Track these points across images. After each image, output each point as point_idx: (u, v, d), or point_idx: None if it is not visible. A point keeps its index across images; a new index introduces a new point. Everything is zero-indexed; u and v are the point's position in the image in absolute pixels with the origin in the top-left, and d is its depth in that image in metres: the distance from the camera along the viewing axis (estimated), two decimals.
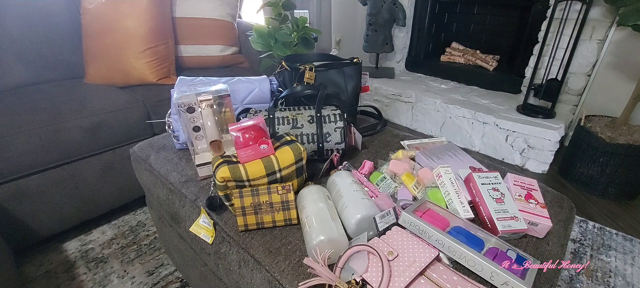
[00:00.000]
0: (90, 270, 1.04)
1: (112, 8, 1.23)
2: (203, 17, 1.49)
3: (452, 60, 2.19)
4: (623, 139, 1.30)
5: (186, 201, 0.66)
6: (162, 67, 1.33)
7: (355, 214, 0.51)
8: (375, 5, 2.05)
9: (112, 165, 1.14)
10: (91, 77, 1.29)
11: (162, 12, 1.33)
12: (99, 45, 1.25)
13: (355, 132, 0.77)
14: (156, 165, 0.77)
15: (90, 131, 1.06)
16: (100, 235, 1.18)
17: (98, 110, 1.09)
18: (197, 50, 1.51)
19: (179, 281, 1.00)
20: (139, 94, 1.23)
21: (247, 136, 0.57)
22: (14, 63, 1.22)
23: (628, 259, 1.09)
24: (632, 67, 1.50)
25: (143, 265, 1.06)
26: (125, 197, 1.22)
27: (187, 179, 0.70)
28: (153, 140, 0.87)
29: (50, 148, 0.98)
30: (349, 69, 0.87)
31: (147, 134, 1.20)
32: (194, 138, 0.69)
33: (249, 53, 1.67)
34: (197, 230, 0.60)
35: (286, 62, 0.85)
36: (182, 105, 0.65)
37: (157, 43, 1.31)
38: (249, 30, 1.24)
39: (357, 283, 0.43)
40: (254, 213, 0.54)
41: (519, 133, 1.57)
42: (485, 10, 2.07)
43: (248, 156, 0.54)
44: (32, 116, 0.99)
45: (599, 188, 1.38)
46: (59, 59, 1.32)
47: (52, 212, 1.05)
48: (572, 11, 1.50)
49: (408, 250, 0.47)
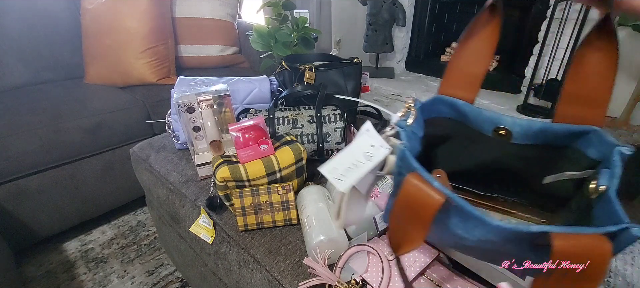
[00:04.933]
0: (90, 270, 1.04)
1: (112, 8, 1.23)
2: (203, 17, 1.49)
3: None
4: (623, 139, 1.29)
5: (186, 201, 0.66)
6: (162, 67, 1.33)
7: None
8: (375, 5, 2.05)
9: (112, 165, 1.14)
10: (91, 77, 1.29)
11: (162, 12, 1.33)
12: (99, 45, 1.25)
13: (355, 132, 0.77)
14: (156, 165, 0.77)
15: (90, 131, 1.06)
16: (100, 235, 1.18)
17: (98, 110, 1.09)
18: (197, 50, 1.51)
19: (179, 281, 1.00)
20: (139, 94, 1.23)
21: (247, 136, 0.57)
22: (14, 63, 1.22)
23: (628, 259, 1.09)
24: (632, 67, 1.50)
25: (143, 265, 1.06)
26: (125, 197, 1.22)
27: (187, 179, 0.70)
28: (153, 140, 0.87)
29: (50, 149, 0.98)
30: (349, 69, 0.87)
31: (147, 134, 1.20)
32: (194, 138, 0.69)
33: (249, 53, 1.67)
34: (197, 230, 0.60)
35: (286, 62, 0.85)
36: (182, 105, 0.65)
37: (157, 43, 1.31)
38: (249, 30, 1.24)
39: (357, 283, 0.43)
40: (254, 213, 0.54)
41: None
42: None
43: (248, 156, 0.54)
44: (32, 116, 0.99)
45: None
46: (58, 59, 1.32)
47: (52, 212, 1.05)
48: (572, 11, 1.50)
49: None
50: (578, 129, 0.33)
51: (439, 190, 0.28)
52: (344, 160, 0.36)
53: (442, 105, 0.39)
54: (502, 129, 0.36)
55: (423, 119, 0.38)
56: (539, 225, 0.25)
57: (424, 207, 0.28)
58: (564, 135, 0.34)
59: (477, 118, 0.37)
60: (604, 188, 0.28)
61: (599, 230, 0.24)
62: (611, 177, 0.28)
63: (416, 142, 0.37)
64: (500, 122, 0.36)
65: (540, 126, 0.34)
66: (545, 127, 0.34)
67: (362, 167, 0.35)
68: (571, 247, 0.24)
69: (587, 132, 0.32)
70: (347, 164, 0.35)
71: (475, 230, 0.28)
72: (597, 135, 0.32)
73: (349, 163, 0.35)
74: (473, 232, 0.28)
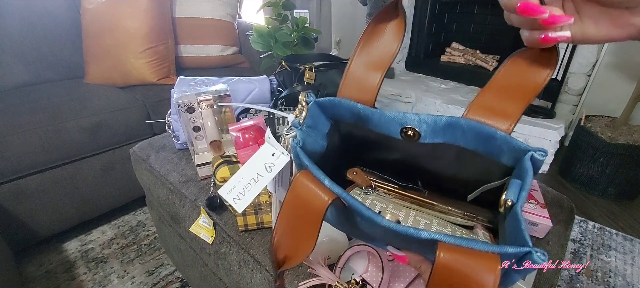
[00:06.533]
0: (90, 270, 1.04)
1: (112, 8, 1.23)
2: (203, 17, 1.49)
3: (452, 60, 2.19)
4: (623, 139, 1.30)
5: (186, 201, 0.66)
6: (162, 67, 1.33)
7: None
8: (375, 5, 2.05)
9: (112, 165, 1.14)
10: (91, 77, 1.29)
11: (162, 12, 1.33)
12: (99, 45, 1.25)
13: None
14: (156, 165, 0.77)
15: (90, 131, 1.06)
16: (100, 235, 1.18)
17: (98, 110, 1.09)
18: (197, 50, 1.51)
19: (179, 281, 1.00)
20: (139, 94, 1.23)
21: (247, 136, 0.57)
22: (14, 63, 1.22)
23: (628, 259, 1.09)
24: (632, 67, 1.50)
25: (143, 265, 1.06)
26: (125, 197, 1.22)
27: (187, 179, 0.70)
28: (153, 140, 0.87)
29: (50, 149, 0.98)
30: None
31: (147, 134, 1.20)
32: (194, 138, 0.69)
33: (249, 53, 1.67)
34: (197, 230, 0.60)
35: (286, 62, 0.85)
36: (182, 105, 0.65)
37: (157, 43, 1.31)
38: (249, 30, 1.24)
39: (357, 283, 0.43)
40: (254, 213, 0.54)
41: (519, 133, 1.57)
42: (485, 10, 2.07)
43: (248, 156, 0.54)
44: (32, 116, 0.99)
45: (599, 188, 1.38)
46: (59, 59, 1.32)
47: (52, 212, 1.04)
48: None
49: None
50: (484, 131, 0.29)
51: (328, 190, 0.26)
52: (244, 176, 0.34)
53: (342, 110, 0.35)
54: (409, 129, 0.33)
55: (328, 115, 0.36)
56: (429, 232, 0.23)
57: (312, 207, 0.26)
58: (472, 136, 0.31)
59: (380, 120, 0.34)
60: (511, 203, 0.25)
61: (494, 249, 0.21)
62: (520, 189, 0.25)
63: (318, 137, 0.34)
64: (406, 122, 0.33)
65: (446, 120, 0.31)
66: (451, 121, 0.31)
67: (261, 181, 0.33)
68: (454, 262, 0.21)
69: (494, 137, 0.29)
70: (247, 180, 0.33)
71: (375, 228, 0.26)
72: (504, 141, 0.28)
73: (248, 179, 0.33)
74: (374, 229, 0.27)
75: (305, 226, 0.28)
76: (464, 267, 0.21)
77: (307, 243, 0.28)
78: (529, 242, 0.21)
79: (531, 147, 0.27)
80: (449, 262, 0.21)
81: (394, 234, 0.25)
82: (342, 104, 0.34)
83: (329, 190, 0.26)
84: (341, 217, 0.31)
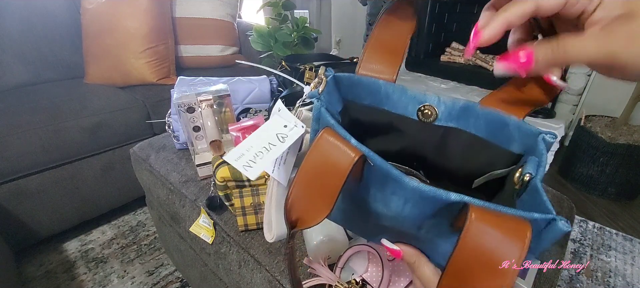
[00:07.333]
0: (90, 270, 1.04)
1: (112, 8, 1.23)
2: (203, 17, 1.49)
3: (452, 60, 2.19)
4: (623, 139, 1.30)
5: (186, 201, 0.66)
6: (162, 67, 1.33)
7: None
8: (375, 5, 2.05)
9: (112, 165, 1.14)
10: (91, 77, 1.29)
11: (162, 12, 1.33)
12: (99, 45, 1.25)
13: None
14: (156, 165, 0.77)
15: (90, 131, 1.06)
16: (100, 235, 1.18)
17: (98, 110, 1.09)
18: (197, 50, 1.51)
19: (179, 281, 1.00)
20: (139, 94, 1.23)
21: (247, 136, 0.57)
22: (14, 63, 1.22)
23: (628, 259, 1.09)
24: None
25: (143, 265, 1.06)
26: (125, 197, 1.22)
27: (187, 179, 0.70)
28: (153, 140, 0.87)
29: (50, 148, 0.98)
30: (348, 68, 0.87)
31: (147, 134, 1.20)
32: (194, 138, 0.69)
33: (249, 53, 1.67)
34: (197, 230, 0.60)
35: (286, 62, 0.85)
36: (182, 105, 0.65)
37: (157, 43, 1.31)
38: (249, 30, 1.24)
39: (357, 283, 0.43)
40: (254, 213, 0.54)
41: None
42: None
43: None
44: (32, 116, 0.99)
45: (599, 188, 1.38)
46: (59, 59, 1.32)
47: (52, 212, 1.05)
48: None
49: None
50: (497, 118, 0.31)
51: (354, 147, 0.25)
52: (254, 144, 0.32)
53: (360, 89, 0.35)
54: (427, 107, 0.34)
55: (341, 96, 0.35)
56: (458, 194, 0.22)
57: (337, 166, 0.25)
58: (485, 123, 0.32)
59: (400, 97, 0.34)
60: (529, 176, 0.25)
61: (524, 215, 0.21)
62: (538, 165, 0.25)
63: (333, 110, 0.34)
64: (426, 100, 0.34)
65: (463, 104, 0.33)
66: (467, 105, 0.32)
67: (275, 150, 0.31)
68: (486, 225, 0.20)
69: (506, 124, 0.30)
70: (257, 148, 0.31)
71: (393, 201, 0.26)
72: (516, 127, 0.30)
73: (259, 147, 0.31)
74: (390, 203, 0.26)
75: (326, 187, 0.26)
76: (495, 231, 0.20)
77: (325, 205, 0.27)
78: (553, 211, 0.21)
79: (542, 130, 0.28)
80: (480, 226, 0.20)
81: (420, 200, 0.24)
82: (362, 81, 0.34)
83: (356, 147, 0.25)
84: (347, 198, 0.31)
